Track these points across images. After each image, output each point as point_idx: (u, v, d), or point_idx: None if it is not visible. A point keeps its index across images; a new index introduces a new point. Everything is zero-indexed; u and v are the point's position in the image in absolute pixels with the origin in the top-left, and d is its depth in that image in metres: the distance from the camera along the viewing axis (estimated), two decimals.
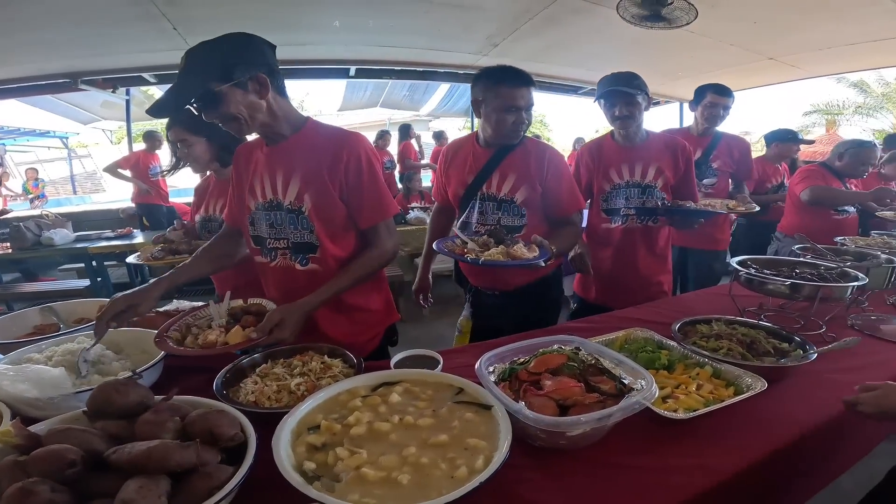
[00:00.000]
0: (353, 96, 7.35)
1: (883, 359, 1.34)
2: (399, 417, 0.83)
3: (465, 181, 1.75)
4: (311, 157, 1.26)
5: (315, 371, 1.08)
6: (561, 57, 5.04)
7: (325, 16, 3.79)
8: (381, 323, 1.48)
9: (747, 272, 1.49)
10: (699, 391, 1.05)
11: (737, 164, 2.78)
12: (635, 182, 2.01)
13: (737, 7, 3.65)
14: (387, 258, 1.34)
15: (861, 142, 2.83)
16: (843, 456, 1.34)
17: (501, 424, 0.80)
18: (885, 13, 3.56)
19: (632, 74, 1.90)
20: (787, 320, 1.53)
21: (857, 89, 13.55)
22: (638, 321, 1.49)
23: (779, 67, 5.19)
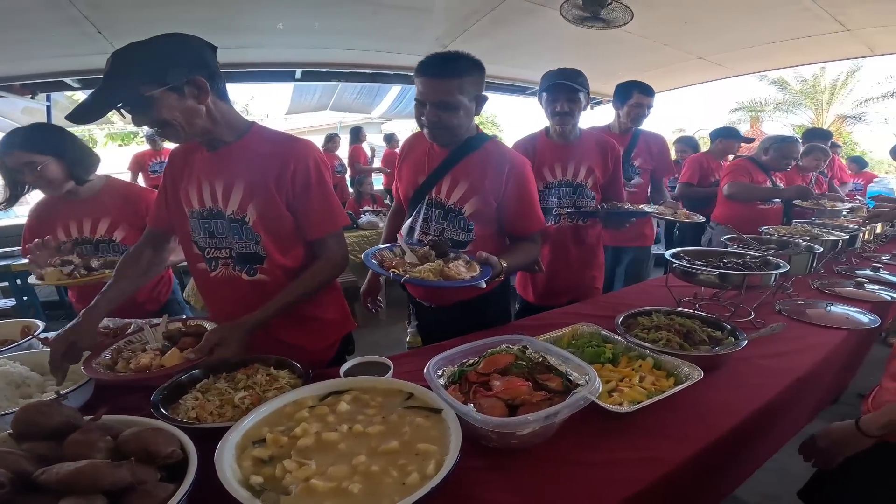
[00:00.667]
0: (301, 99, 7.16)
1: (810, 343, 1.43)
2: (348, 426, 0.83)
3: (415, 181, 1.60)
4: (255, 165, 1.20)
5: (260, 384, 1.05)
6: (509, 58, 5.12)
7: (267, 18, 3.68)
8: (337, 332, 1.46)
9: (680, 264, 1.55)
10: (642, 383, 1.09)
11: (655, 161, 2.78)
12: (567, 181, 2.00)
13: (669, 8, 3.82)
14: (336, 270, 1.31)
15: (784, 137, 3.05)
16: (776, 437, 1.44)
17: (452, 428, 0.80)
18: (802, 12, 3.78)
19: (576, 71, 1.87)
20: (719, 309, 1.62)
21: (777, 87, 14.70)
22: (584, 316, 1.53)
23: (707, 66, 5.47)
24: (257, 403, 0.94)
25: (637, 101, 2.60)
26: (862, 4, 3.63)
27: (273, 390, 1.03)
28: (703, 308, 1.63)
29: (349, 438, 0.81)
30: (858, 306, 1.71)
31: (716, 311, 1.57)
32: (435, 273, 1.26)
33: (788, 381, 1.23)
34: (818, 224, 2.50)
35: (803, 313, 1.64)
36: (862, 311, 1.66)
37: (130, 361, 1.12)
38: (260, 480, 0.72)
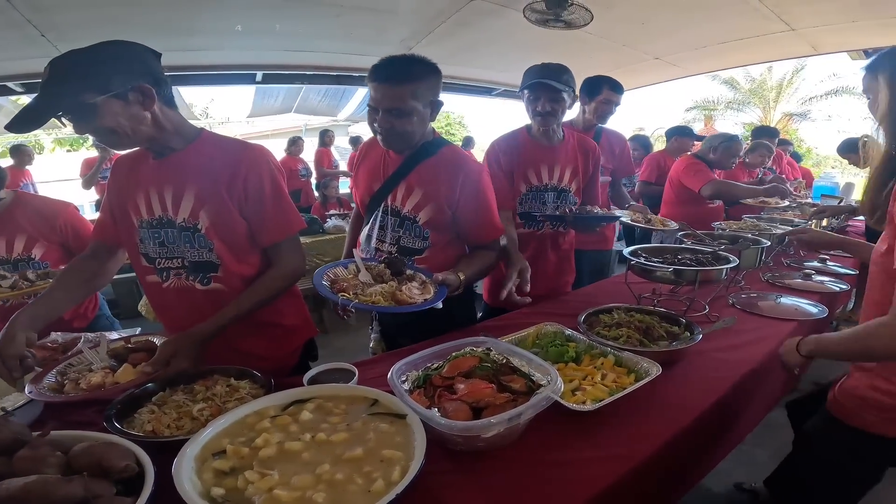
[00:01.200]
0: (263, 102, 7.00)
1: (763, 335, 1.49)
2: (311, 435, 0.82)
3: (371, 188, 1.56)
4: (206, 171, 1.18)
5: (220, 395, 1.03)
6: (474, 59, 5.16)
7: (225, 20, 3.59)
8: (299, 338, 1.44)
9: (638, 261, 1.60)
10: (604, 381, 1.11)
11: (617, 160, 2.72)
12: (552, 185, 1.91)
13: (627, 9, 3.92)
14: (293, 277, 1.29)
15: (730, 136, 3.17)
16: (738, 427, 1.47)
17: (416, 433, 0.80)
18: (751, 12, 3.92)
19: (561, 68, 1.77)
20: (677, 304, 1.67)
21: (728, 86, 15.36)
22: (547, 315, 1.55)
23: (663, 66, 5.65)
24: (217, 415, 0.92)
25: (606, 98, 2.53)
26: (805, 5, 3.80)
27: (233, 401, 1.01)
28: (662, 304, 1.67)
29: (313, 447, 0.79)
30: (807, 297, 1.80)
31: (673, 307, 1.62)
32: (386, 297, 1.24)
33: (743, 372, 1.28)
34: (766, 219, 2.63)
35: (755, 306, 1.71)
36: (811, 303, 1.75)
37: (80, 382, 1.08)
38: (221, 492, 0.70)
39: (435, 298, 1.26)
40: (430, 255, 1.50)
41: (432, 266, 1.47)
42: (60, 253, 1.77)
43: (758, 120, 14.57)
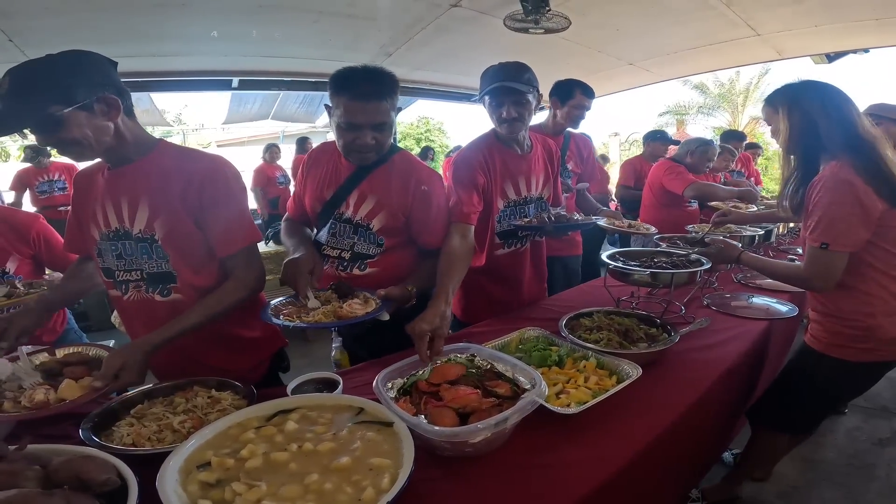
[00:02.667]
0: (239, 108, 6.88)
1: (736, 334, 1.54)
2: (297, 445, 0.81)
3: (322, 196, 1.51)
4: (160, 181, 1.17)
5: (201, 407, 1.02)
6: (453, 65, 5.19)
7: (200, 25, 3.53)
8: (265, 350, 1.42)
9: (616, 265, 1.63)
10: (587, 383, 1.13)
11: (584, 164, 2.70)
12: (531, 197, 1.79)
13: (602, 15, 4.00)
14: (248, 289, 1.26)
15: (705, 141, 3.30)
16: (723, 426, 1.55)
17: (404, 440, 0.81)
18: (718, 17, 4.04)
19: (520, 66, 1.63)
20: (655, 306, 1.71)
21: (698, 91, 15.79)
22: (529, 320, 1.57)
23: (637, 72, 5.77)
24: (199, 427, 0.91)
25: (578, 102, 2.50)
26: (770, 10, 3.93)
27: (215, 413, 1.00)
28: (640, 306, 1.72)
29: (299, 457, 0.79)
30: (777, 297, 1.87)
31: (651, 309, 1.66)
32: (328, 315, 1.25)
33: (719, 372, 1.32)
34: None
35: (728, 306, 1.78)
36: (781, 301, 1.82)
37: (20, 399, 1.02)
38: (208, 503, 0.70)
39: (376, 311, 1.26)
40: (383, 259, 1.49)
41: (386, 269, 1.49)
42: (32, 266, 1.74)
43: (727, 124, 15.02)
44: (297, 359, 3.17)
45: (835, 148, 1.36)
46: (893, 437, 2.43)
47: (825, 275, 1.36)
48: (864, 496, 2.00)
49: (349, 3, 3.48)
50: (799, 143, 1.43)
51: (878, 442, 2.40)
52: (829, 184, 1.34)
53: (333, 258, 1.53)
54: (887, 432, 2.48)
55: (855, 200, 1.30)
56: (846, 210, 1.31)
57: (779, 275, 1.57)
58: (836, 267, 1.35)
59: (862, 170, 1.31)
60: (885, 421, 2.60)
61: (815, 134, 1.38)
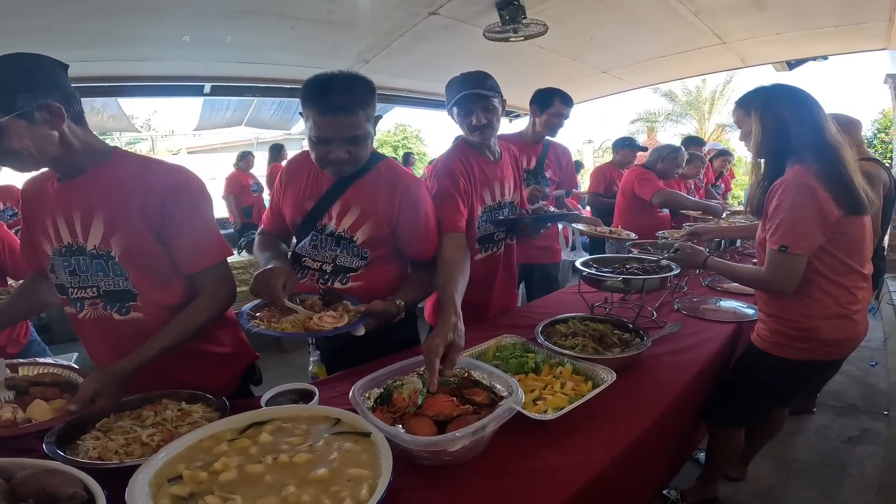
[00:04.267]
0: (212, 115, 6.72)
1: (706, 336, 1.59)
2: (273, 457, 0.80)
3: (302, 207, 1.45)
4: (117, 193, 1.09)
5: (171, 420, 0.99)
6: (431, 73, 5.20)
7: (171, 30, 3.46)
8: (236, 365, 1.38)
9: (589, 272, 1.66)
10: (563, 389, 1.14)
11: (563, 172, 2.72)
12: (506, 202, 1.82)
13: (576, 24, 4.09)
14: (221, 305, 1.21)
15: (675, 147, 3.41)
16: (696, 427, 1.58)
17: (382, 450, 0.80)
18: (687, 26, 4.18)
19: (483, 75, 1.65)
20: (628, 311, 1.74)
21: (668, 98, 16.33)
22: (505, 328, 1.58)
23: (610, 80, 5.92)
24: (169, 440, 0.89)
25: (557, 111, 2.52)
26: (735, 18, 4.07)
27: (186, 426, 0.98)
28: (614, 311, 1.75)
29: (275, 470, 0.78)
30: (744, 300, 1.94)
31: (624, 314, 1.69)
32: (296, 325, 1.21)
33: (691, 374, 1.36)
34: None
35: (698, 309, 1.84)
36: (747, 304, 1.88)
37: None
38: None
39: (347, 326, 1.22)
40: (368, 273, 1.44)
41: (369, 283, 1.44)
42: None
43: (694, 131, 15.51)
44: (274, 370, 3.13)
45: (802, 152, 1.38)
46: (863, 435, 2.50)
47: (785, 277, 1.40)
48: (839, 494, 2.04)
49: (328, 10, 3.47)
50: (769, 146, 1.46)
51: (849, 440, 2.46)
52: (790, 187, 1.37)
53: (314, 270, 1.47)
54: (856, 430, 2.55)
55: (815, 205, 1.34)
56: (806, 214, 1.35)
57: (741, 278, 1.62)
58: (795, 269, 1.39)
59: (823, 176, 1.35)
60: (853, 419, 2.67)
61: (785, 137, 1.41)
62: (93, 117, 5.92)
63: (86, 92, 4.30)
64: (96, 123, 6.51)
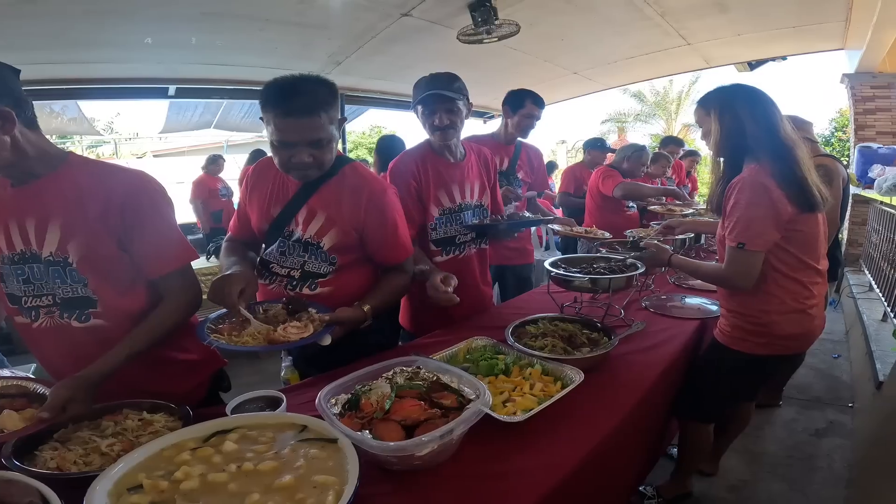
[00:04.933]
0: (178, 117, 6.54)
1: (672, 333, 1.62)
2: (237, 465, 0.78)
3: (269, 214, 1.43)
4: (73, 199, 1.07)
5: (132, 429, 0.97)
6: (405, 74, 5.19)
7: (133, 33, 3.36)
8: (203, 372, 1.35)
9: (557, 272, 1.67)
10: (533, 390, 1.14)
11: (535, 174, 2.74)
12: (468, 204, 1.81)
13: (548, 26, 4.16)
14: (186, 310, 1.21)
15: (638, 146, 3.50)
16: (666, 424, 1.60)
17: (349, 456, 0.79)
18: (654, 27, 4.30)
19: (450, 76, 1.67)
20: (597, 311, 1.75)
21: (636, 99, 16.74)
22: (477, 329, 1.58)
23: (581, 81, 6.04)
24: (129, 450, 0.86)
25: (529, 112, 2.54)
26: (698, 20, 4.20)
27: (147, 435, 0.96)
28: (584, 311, 1.77)
29: (239, 478, 0.76)
30: (708, 296, 1.98)
31: (594, 313, 1.71)
32: (257, 338, 1.17)
33: (658, 371, 1.38)
34: None
35: (665, 307, 1.87)
36: (711, 301, 1.92)
37: None
38: None
39: (313, 336, 1.19)
40: (337, 278, 1.42)
41: (339, 289, 1.42)
42: None
43: (662, 131, 15.93)
44: (248, 376, 3.08)
45: (758, 151, 1.42)
46: (829, 428, 2.57)
47: (744, 273, 1.44)
48: (810, 487, 2.08)
49: (298, 12, 3.43)
50: (727, 145, 1.49)
51: (816, 433, 2.53)
52: (746, 186, 1.40)
53: (282, 276, 1.45)
54: (822, 423, 2.62)
55: (770, 203, 1.38)
56: (761, 212, 1.38)
57: (703, 275, 1.66)
58: (753, 265, 1.43)
59: (778, 175, 1.39)
60: (819, 412, 2.75)
61: (742, 136, 1.44)
62: (52, 120, 5.71)
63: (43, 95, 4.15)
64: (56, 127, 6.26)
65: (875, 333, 3.27)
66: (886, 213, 4.08)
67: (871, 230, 4.88)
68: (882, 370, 2.58)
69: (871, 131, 5.45)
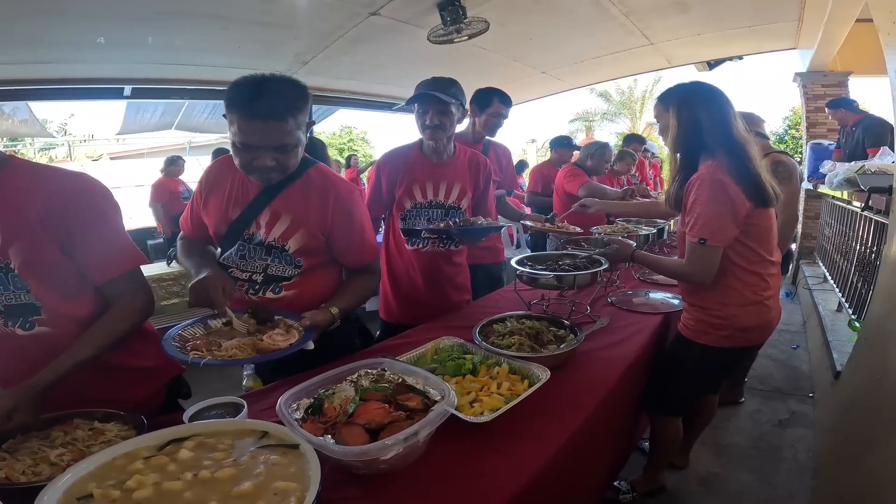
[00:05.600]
0: (137, 118, 6.28)
1: (639, 328, 1.65)
2: (193, 473, 0.75)
3: (227, 216, 1.37)
4: (14, 203, 1.03)
5: (82, 439, 0.94)
6: (375, 74, 5.16)
7: (85, 32, 3.22)
8: (160, 377, 1.31)
9: (523, 270, 1.68)
10: (500, 389, 1.13)
11: (503, 173, 2.75)
12: (439, 202, 1.88)
13: (517, 26, 4.19)
14: (136, 317, 1.16)
15: (601, 143, 3.54)
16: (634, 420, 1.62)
17: (311, 461, 0.77)
18: (619, 27, 4.38)
19: (450, 81, 1.77)
20: (565, 308, 1.77)
21: (603, 99, 17.18)
22: (446, 329, 1.57)
23: (549, 80, 6.11)
24: (80, 460, 0.82)
25: (496, 110, 2.55)
26: (661, 20, 4.30)
27: (99, 445, 0.92)
28: (552, 308, 1.78)
29: (196, 486, 0.73)
30: (671, 291, 2.03)
31: (562, 311, 1.72)
32: (244, 349, 1.15)
33: (624, 366, 1.40)
34: (634, 221, 2.88)
35: (630, 302, 1.91)
36: (674, 295, 1.97)
37: None
38: None
39: (301, 342, 1.19)
40: (302, 281, 1.41)
41: (305, 291, 1.41)
42: None
43: (628, 129, 16.40)
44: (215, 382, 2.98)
45: (714, 147, 1.46)
46: (792, 418, 2.65)
47: (703, 269, 1.47)
48: (777, 477, 2.13)
49: (262, 11, 3.36)
50: (684, 141, 1.52)
51: (779, 423, 2.60)
52: (706, 183, 1.44)
53: (243, 281, 1.40)
54: (785, 413, 2.70)
55: (727, 199, 1.41)
56: (721, 208, 1.42)
57: (664, 270, 1.70)
58: (712, 261, 1.46)
59: (734, 171, 1.43)
60: (781, 402, 2.83)
61: (699, 133, 1.48)
62: (2, 122, 5.44)
63: None
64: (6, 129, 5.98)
65: (831, 324, 3.36)
66: (838, 207, 4.26)
67: (825, 224, 5.12)
68: (839, 360, 2.64)
69: (822, 128, 5.69)
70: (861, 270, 3.19)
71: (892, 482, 1.29)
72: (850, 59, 5.32)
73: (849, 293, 3.49)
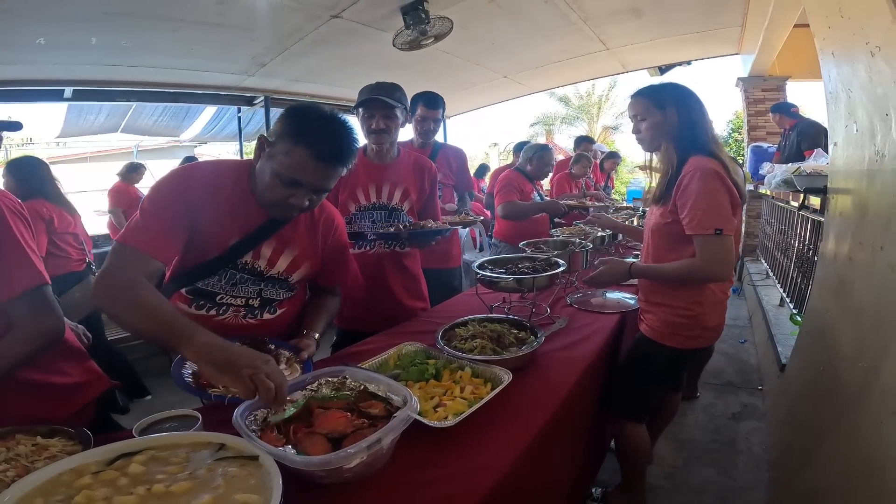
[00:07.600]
0: (79, 121, 5.94)
1: (597, 327, 1.67)
2: (147, 487, 0.72)
3: (224, 243, 1.26)
4: None
5: (25, 455, 0.89)
6: (336, 77, 5.08)
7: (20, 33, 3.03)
8: (86, 393, 1.23)
9: (483, 273, 1.70)
10: (463, 393, 1.13)
11: (456, 176, 2.77)
12: (381, 204, 1.89)
13: (479, 29, 4.26)
14: (42, 339, 1.07)
15: (542, 146, 3.46)
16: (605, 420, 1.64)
17: (272, 472, 0.76)
18: (577, 32, 4.53)
19: (394, 86, 1.79)
20: (524, 310, 1.80)
21: (563, 103, 17.61)
22: (408, 335, 1.56)
23: (511, 84, 6.23)
24: (24, 476, 0.78)
25: (421, 115, 2.51)
26: (616, 24, 4.47)
27: (43, 461, 0.88)
28: (514, 310, 1.80)
29: (150, 500, 0.70)
30: (628, 291, 2.08)
31: (523, 313, 1.75)
32: None
33: (583, 366, 1.42)
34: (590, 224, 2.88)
35: (588, 303, 1.96)
36: (631, 295, 2.03)
37: None
38: None
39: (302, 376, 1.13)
40: (291, 301, 1.43)
41: (292, 308, 1.43)
42: None
43: (585, 132, 16.86)
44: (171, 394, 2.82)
45: (700, 147, 1.48)
46: (744, 411, 2.77)
47: (724, 260, 1.40)
48: (735, 470, 2.21)
49: (217, 13, 3.27)
50: (681, 137, 1.51)
51: (733, 416, 2.71)
52: (705, 175, 1.41)
53: (238, 306, 1.34)
54: (737, 406, 2.82)
55: (727, 190, 1.41)
56: (723, 198, 1.40)
57: (672, 275, 1.55)
58: (730, 251, 1.40)
59: (722, 167, 1.44)
60: (733, 396, 2.96)
61: (694, 130, 1.50)
62: None
63: None
64: None
65: (774, 318, 3.52)
66: (778, 207, 4.51)
67: (766, 223, 5.44)
68: (784, 353, 2.71)
69: (762, 132, 6.06)
70: (800, 266, 3.37)
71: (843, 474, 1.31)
72: (788, 64, 5.68)
73: (790, 288, 3.67)
